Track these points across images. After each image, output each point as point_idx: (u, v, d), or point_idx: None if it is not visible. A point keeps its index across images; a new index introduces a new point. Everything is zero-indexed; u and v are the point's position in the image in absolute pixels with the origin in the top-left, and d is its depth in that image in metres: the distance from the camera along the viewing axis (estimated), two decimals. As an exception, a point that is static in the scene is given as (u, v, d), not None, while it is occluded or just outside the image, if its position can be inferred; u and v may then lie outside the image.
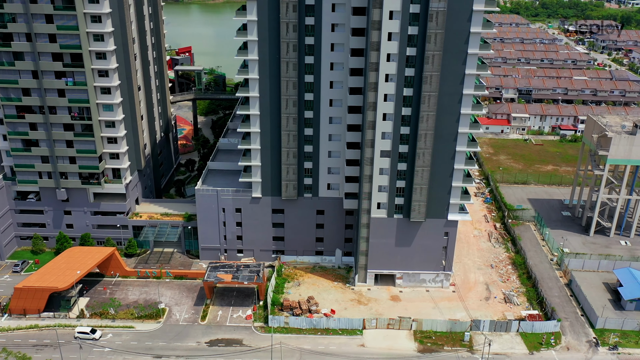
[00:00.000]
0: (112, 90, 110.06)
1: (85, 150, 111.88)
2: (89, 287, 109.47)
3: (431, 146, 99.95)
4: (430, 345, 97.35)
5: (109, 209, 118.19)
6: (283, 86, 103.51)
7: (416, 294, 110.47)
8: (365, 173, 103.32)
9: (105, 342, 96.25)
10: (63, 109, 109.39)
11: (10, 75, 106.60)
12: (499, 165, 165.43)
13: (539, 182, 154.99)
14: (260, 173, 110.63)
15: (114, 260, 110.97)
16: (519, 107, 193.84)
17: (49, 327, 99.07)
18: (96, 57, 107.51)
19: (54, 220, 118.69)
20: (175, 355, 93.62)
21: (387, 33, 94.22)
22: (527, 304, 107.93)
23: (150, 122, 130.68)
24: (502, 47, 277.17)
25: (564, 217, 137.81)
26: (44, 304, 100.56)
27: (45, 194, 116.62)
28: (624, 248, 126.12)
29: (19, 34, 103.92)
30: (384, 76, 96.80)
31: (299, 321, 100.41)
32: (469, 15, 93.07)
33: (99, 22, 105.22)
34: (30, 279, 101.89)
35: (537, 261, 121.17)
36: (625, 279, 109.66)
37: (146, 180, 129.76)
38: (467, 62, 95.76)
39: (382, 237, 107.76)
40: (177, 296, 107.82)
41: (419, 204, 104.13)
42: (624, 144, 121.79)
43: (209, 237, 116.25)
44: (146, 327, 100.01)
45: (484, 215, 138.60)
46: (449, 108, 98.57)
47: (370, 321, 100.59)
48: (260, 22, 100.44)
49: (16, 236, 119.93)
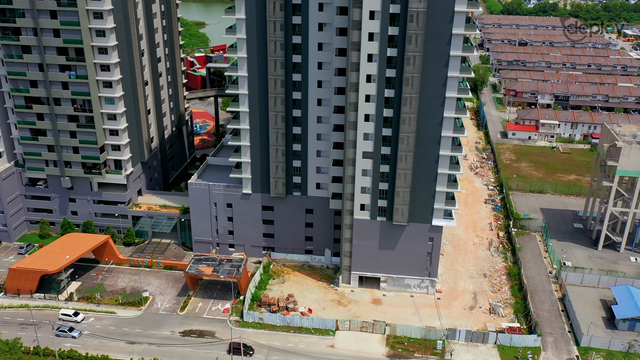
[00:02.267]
0: (114, 84, 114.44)
1: (87, 141, 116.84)
2: (83, 272, 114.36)
3: (413, 149, 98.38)
4: (401, 351, 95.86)
5: (110, 198, 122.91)
6: (271, 84, 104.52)
7: (399, 298, 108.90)
8: (347, 174, 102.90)
9: (86, 325, 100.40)
10: (67, 101, 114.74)
11: (19, 68, 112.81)
12: (518, 172, 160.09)
13: (556, 192, 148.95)
14: (250, 170, 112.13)
15: (109, 247, 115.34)
16: (548, 113, 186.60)
17: (38, 307, 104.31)
18: (98, 52, 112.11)
19: (60, 207, 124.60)
20: (148, 343, 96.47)
21: (368, 33, 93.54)
22: (513, 316, 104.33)
23: (159, 117, 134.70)
24: (548, 50, 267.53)
25: (575, 229, 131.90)
26: (36, 285, 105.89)
27: (52, 182, 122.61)
28: (632, 265, 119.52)
29: (26, 29, 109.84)
30: (364, 77, 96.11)
31: (273, 318, 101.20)
32: (450, 16, 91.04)
33: (100, 18, 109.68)
34: (25, 261, 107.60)
35: (534, 273, 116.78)
36: (621, 297, 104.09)
37: (152, 172, 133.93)
38: (449, 64, 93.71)
39: (365, 239, 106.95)
40: (163, 286, 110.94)
41: (401, 208, 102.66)
42: (634, 155, 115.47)
43: (202, 231, 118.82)
44: (127, 313, 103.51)
45: (489, 223, 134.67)
46: (431, 111, 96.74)
47: (343, 322, 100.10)
48: (249, 21, 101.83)
49: (26, 220, 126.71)
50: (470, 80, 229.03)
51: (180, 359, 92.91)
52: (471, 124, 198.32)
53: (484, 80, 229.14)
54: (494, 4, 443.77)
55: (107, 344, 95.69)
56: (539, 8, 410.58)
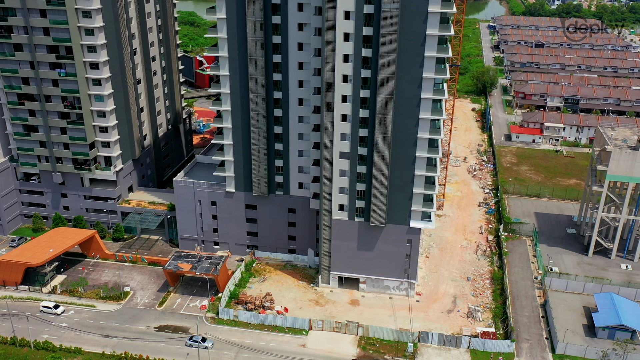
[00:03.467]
0: (103, 82, 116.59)
1: (77, 138, 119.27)
2: (70, 265, 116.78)
3: (389, 150, 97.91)
4: (372, 353, 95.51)
5: (100, 194, 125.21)
6: (251, 83, 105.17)
7: (378, 300, 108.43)
8: (325, 174, 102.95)
9: (65, 317, 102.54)
10: (57, 98, 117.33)
11: (12, 65, 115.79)
12: (518, 175, 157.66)
13: (553, 196, 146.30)
14: (233, 168, 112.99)
15: (95, 242, 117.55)
16: (554, 116, 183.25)
17: (22, 299, 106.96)
18: (87, 50, 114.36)
19: (53, 202, 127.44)
20: (122, 337, 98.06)
21: (343, 33, 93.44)
22: (491, 321, 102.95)
23: (153, 115, 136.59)
24: (564, 52, 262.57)
25: (568, 235, 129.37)
26: (21, 278, 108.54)
27: (45, 177, 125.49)
28: (622, 272, 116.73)
29: (18, 27, 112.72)
30: (340, 77, 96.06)
31: (247, 316, 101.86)
32: (424, 16, 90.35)
33: (89, 17, 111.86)
34: (11, 254, 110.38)
35: (519, 278, 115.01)
36: (603, 305, 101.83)
37: (145, 169, 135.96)
38: (424, 65, 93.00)
39: (344, 240, 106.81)
40: (145, 281, 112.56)
41: (378, 209, 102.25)
42: (624, 160, 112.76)
43: (187, 228, 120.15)
44: (107, 307, 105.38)
45: (479, 226, 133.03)
46: (407, 112, 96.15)
47: (316, 322, 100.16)
48: (229, 21, 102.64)
49: (21, 214, 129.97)
50: (480, 82, 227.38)
51: (151, 353, 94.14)
52: (476, 126, 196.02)
53: (493, 82, 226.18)
54: (517, 5, 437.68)
55: (82, 337, 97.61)
56: (562, 9, 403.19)
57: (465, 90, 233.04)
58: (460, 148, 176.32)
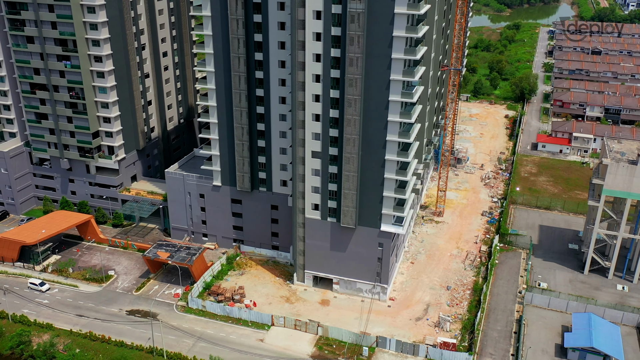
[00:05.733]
0: (105, 75, 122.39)
1: (82, 127, 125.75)
2: (66, 247, 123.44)
3: (358, 151, 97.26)
4: (327, 353, 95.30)
5: (103, 181, 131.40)
6: (234, 81, 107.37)
7: (349, 302, 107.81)
8: (298, 172, 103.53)
9: (49, 294, 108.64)
10: (64, 88, 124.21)
11: (24, 56, 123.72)
12: (533, 186, 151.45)
13: (564, 209, 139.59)
14: (219, 162, 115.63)
15: (91, 227, 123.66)
16: (584, 127, 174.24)
17: (15, 274, 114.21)
18: (92, 44, 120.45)
19: (62, 186, 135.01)
20: (94, 317, 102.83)
21: (312, 33, 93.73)
22: (458, 332, 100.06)
23: (162, 108, 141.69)
24: (619, 60, 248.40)
25: (568, 250, 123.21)
26: (17, 255, 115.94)
27: (55, 163, 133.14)
28: (615, 293, 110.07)
29: (29, 21, 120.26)
30: (311, 76, 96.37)
31: (214, 307, 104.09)
32: (390, 18, 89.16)
33: (93, 12, 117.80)
34: (10, 232, 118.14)
35: (502, 291, 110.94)
36: (578, 325, 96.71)
37: (152, 160, 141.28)
38: (392, 67, 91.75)
39: (317, 239, 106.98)
40: (131, 267, 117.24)
41: (349, 210, 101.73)
42: (622, 174, 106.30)
43: (178, 218, 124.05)
44: (88, 288, 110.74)
45: (476, 235, 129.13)
46: (375, 113, 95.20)
47: (278, 318, 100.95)
48: (214, 18, 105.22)
49: (34, 196, 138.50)
50: (518, 89, 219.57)
51: (115, 335, 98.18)
52: (504, 133, 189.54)
53: (533, 89, 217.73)
54: (587, 10, 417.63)
55: (58, 315, 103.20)
56: (634, 15, 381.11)
57: (504, 96, 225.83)
58: (480, 155, 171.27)
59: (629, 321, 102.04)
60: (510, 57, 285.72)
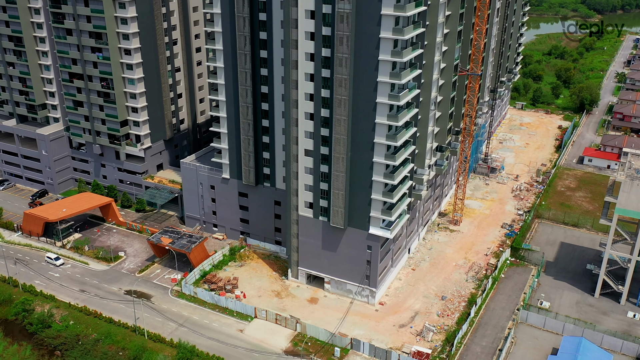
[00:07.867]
0: (134, 67, 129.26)
1: (111, 115, 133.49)
2: (89, 226, 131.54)
3: (347, 152, 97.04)
4: (300, 350, 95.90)
5: (130, 168, 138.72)
6: (241, 77, 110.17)
7: (338, 302, 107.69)
8: (292, 169, 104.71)
9: (61, 269, 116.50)
10: (96, 79, 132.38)
11: (64, 47, 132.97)
12: (567, 202, 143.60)
13: (592, 228, 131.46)
14: (228, 156, 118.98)
15: (112, 210, 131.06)
16: (635, 142, 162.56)
17: (37, 248, 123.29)
18: (122, 38, 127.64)
19: (94, 170, 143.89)
20: (94, 294, 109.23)
21: (304, 32, 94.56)
22: (439, 343, 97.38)
23: (192, 101, 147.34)
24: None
25: (584, 271, 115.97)
26: (42, 230, 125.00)
27: (89, 148, 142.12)
28: (624, 320, 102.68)
29: (68, 14, 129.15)
30: (303, 75, 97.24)
31: (204, 294, 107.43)
32: (377, 19, 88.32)
33: (123, 8, 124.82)
34: (38, 209, 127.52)
35: (499, 306, 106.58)
36: (566, 349, 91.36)
37: (180, 151, 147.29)
38: (379, 68, 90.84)
39: (309, 237, 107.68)
40: (140, 249, 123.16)
41: (338, 210, 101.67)
42: (636, 193, 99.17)
43: (192, 207, 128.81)
44: (97, 267, 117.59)
45: (488, 247, 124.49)
46: (364, 115, 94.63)
47: (260, 311, 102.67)
48: (223, 15, 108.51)
49: (72, 178, 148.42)
50: (578, 99, 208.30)
51: (107, 311, 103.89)
52: (552, 144, 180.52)
53: (594, 100, 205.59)
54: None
55: (63, 288, 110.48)
56: None
57: (564, 106, 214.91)
58: (519, 165, 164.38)
59: (629, 351, 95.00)
60: (584, 66, 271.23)
